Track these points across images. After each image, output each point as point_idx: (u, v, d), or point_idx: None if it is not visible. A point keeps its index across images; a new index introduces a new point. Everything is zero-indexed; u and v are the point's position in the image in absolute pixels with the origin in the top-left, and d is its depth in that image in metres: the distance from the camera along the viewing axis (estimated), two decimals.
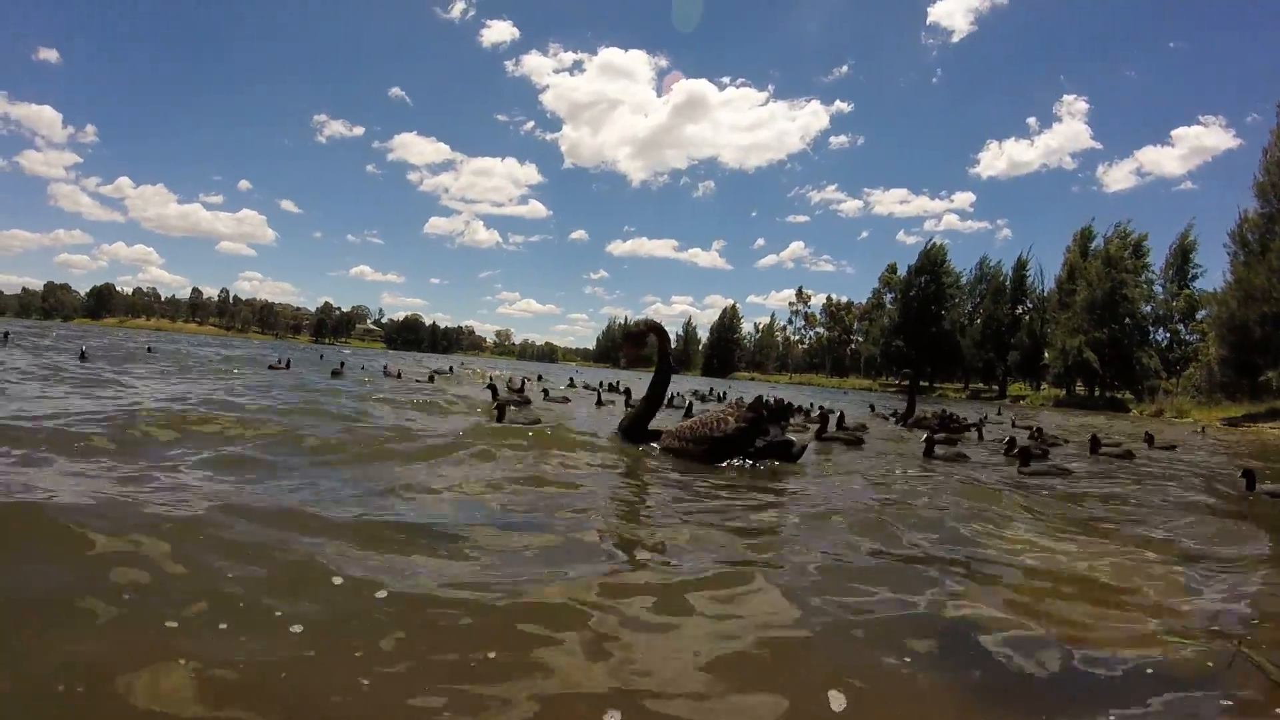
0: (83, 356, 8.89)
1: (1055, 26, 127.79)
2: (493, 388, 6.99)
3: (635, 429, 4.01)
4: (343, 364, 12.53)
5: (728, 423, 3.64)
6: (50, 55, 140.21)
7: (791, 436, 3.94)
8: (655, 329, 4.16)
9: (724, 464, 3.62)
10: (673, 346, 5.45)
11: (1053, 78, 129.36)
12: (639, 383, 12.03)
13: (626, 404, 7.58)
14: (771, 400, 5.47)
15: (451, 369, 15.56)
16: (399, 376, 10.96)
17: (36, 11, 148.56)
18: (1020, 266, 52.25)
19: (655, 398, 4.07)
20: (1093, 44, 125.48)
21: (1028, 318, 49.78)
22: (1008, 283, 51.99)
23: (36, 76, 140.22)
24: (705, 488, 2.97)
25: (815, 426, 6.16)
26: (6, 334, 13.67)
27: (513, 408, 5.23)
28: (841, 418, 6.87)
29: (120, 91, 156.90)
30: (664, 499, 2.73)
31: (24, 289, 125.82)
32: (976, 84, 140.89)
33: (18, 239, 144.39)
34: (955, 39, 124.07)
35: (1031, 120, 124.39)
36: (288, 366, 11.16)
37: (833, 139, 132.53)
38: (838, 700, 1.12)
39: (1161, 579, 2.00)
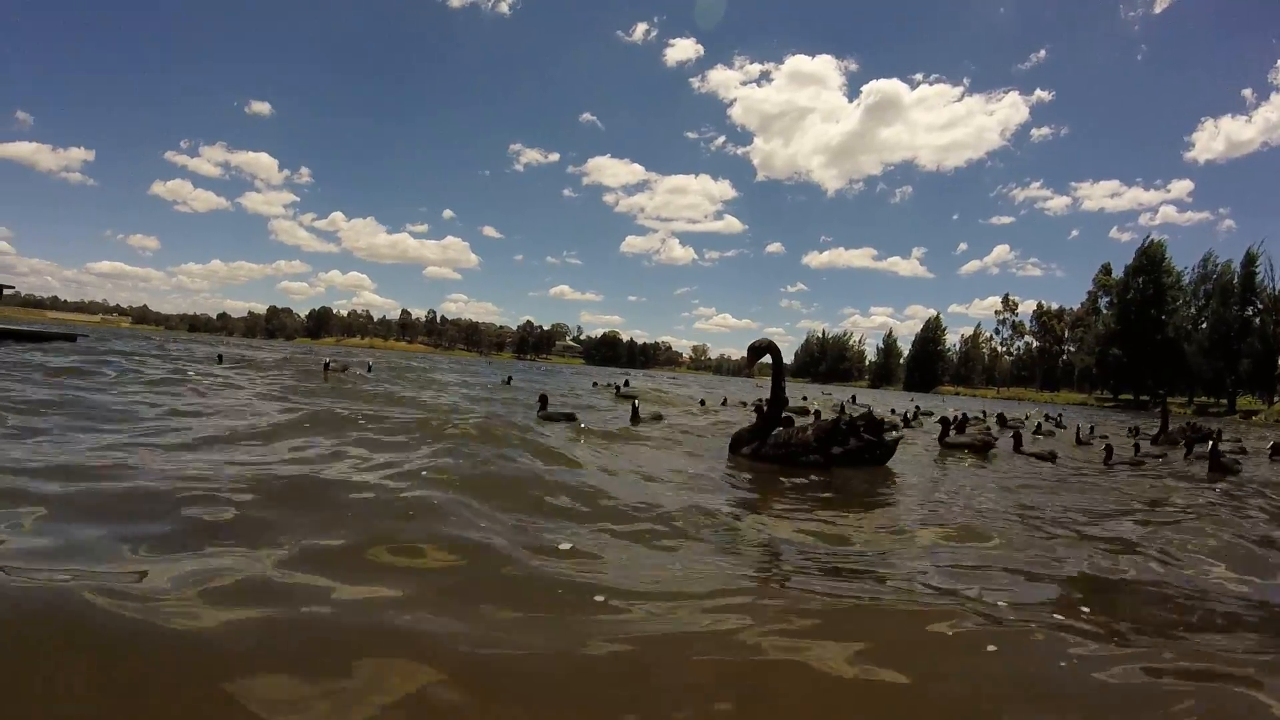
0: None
1: None
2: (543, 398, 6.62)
3: (739, 442, 4.46)
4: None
5: (806, 432, 4.17)
6: (262, 108, 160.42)
7: (886, 439, 4.41)
8: (771, 349, 4.51)
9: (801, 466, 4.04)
10: (872, 359, 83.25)
11: (1264, 41, 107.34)
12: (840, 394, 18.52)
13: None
14: (850, 416, 5.09)
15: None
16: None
17: (244, 70, 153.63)
18: (1249, 261, 44.00)
19: (769, 420, 4.42)
20: None
21: (1258, 320, 43.94)
22: (1236, 281, 43.97)
23: (251, 127, 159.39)
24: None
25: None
26: (329, 363, 10.88)
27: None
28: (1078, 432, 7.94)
29: (329, 136, 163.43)
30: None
31: (250, 312, 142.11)
32: (1183, 56, 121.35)
33: (243, 270, 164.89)
34: (1157, 9, 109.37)
35: (1247, 92, 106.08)
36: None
37: (1034, 131, 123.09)
38: None
39: None
